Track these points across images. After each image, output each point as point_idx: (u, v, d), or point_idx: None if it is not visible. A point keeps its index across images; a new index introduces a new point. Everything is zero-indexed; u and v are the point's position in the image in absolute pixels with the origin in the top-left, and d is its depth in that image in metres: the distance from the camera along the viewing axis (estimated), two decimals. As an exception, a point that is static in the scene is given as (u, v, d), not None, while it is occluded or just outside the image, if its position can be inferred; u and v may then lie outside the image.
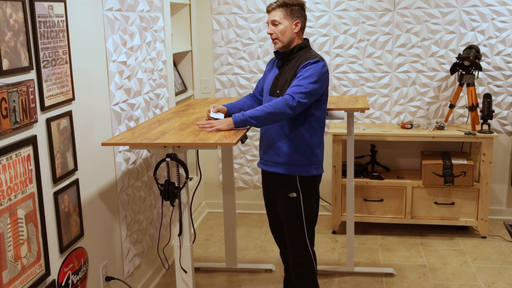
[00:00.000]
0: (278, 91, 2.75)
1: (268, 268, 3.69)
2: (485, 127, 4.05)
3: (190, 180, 2.58)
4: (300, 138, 2.75)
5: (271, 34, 2.76)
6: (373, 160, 4.30)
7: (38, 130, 2.18)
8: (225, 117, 2.80)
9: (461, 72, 4.02)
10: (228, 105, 2.90)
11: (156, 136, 2.48)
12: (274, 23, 2.73)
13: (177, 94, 4.15)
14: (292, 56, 2.77)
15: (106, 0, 2.78)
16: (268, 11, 2.78)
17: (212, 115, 2.75)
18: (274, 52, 2.87)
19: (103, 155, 2.79)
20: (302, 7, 2.77)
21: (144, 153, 3.32)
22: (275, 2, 2.75)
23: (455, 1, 4.18)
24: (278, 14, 2.72)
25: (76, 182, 2.50)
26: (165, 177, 2.45)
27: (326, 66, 2.70)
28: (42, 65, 2.18)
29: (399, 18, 4.26)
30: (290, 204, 2.79)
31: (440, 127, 4.12)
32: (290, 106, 2.56)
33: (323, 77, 2.67)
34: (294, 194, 2.77)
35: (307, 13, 4.31)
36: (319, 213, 3.12)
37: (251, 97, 3.05)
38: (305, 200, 2.78)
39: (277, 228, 3.03)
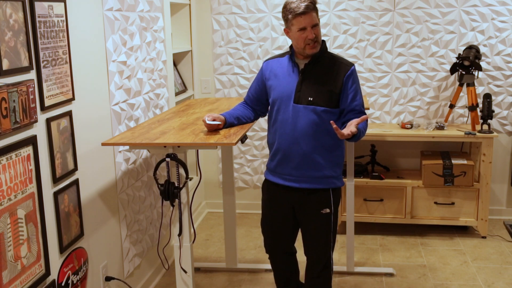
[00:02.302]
0: (310, 98, 2.55)
1: (268, 268, 3.68)
2: (485, 127, 4.05)
3: (190, 180, 2.57)
4: (337, 148, 2.64)
5: (312, 38, 2.51)
6: (373, 160, 4.30)
7: (38, 130, 2.18)
8: (222, 127, 2.63)
9: (461, 72, 4.02)
10: (225, 114, 2.70)
11: (156, 136, 2.48)
12: (315, 26, 2.50)
13: (177, 94, 4.15)
14: (318, 59, 2.59)
15: (106, 0, 2.78)
16: (304, 13, 2.48)
17: (209, 122, 2.57)
18: (290, 56, 2.65)
19: (103, 155, 2.79)
20: None
21: (144, 153, 3.32)
22: (311, 3, 2.50)
23: (455, 1, 4.18)
24: (315, 15, 2.51)
25: (76, 182, 2.50)
26: (165, 177, 2.45)
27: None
28: (42, 65, 2.19)
29: (399, 18, 4.26)
30: (322, 220, 2.65)
31: (440, 127, 4.12)
32: None
33: None
34: (327, 210, 2.63)
35: (307, 13, 4.34)
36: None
37: (246, 106, 2.86)
38: (335, 214, 2.67)
39: (280, 245, 2.85)
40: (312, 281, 2.76)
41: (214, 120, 2.58)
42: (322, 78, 2.57)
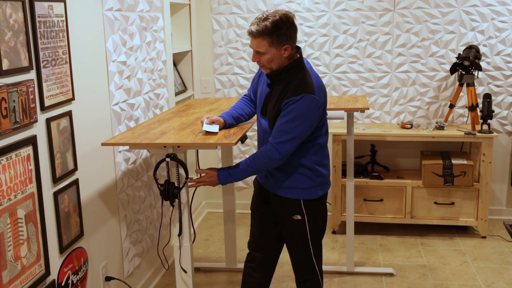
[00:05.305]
0: (267, 116, 2.48)
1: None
2: (485, 127, 4.05)
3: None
4: (300, 166, 2.48)
5: (253, 61, 2.42)
6: (373, 160, 4.30)
7: (38, 130, 2.18)
8: (221, 129, 2.58)
9: (461, 72, 4.02)
10: (225, 116, 2.64)
11: (156, 136, 2.48)
12: (259, 52, 2.35)
13: (177, 94, 4.15)
14: (282, 76, 2.41)
15: (106, 0, 2.78)
16: (249, 35, 2.36)
17: (205, 127, 2.50)
18: None
19: (103, 155, 2.79)
20: (290, 25, 2.33)
21: (144, 153, 3.32)
22: (257, 27, 2.30)
23: (455, 1, 4.18)
24: (262, 43, 2.31)
25: (76, 182, 2.50)
26: (165, 177, 2.45)
27: (314, 98, 2.33)
28: (42, 65, 2.18)
29: (399, 18, 4.26)
30: (294, 226, 2.54)
31: (440, 127, 4.12)
32: (274, 160, 2.37)
33: (311, 113, 2.34)
34: (299, 217, 2.51)
35: (307, 14, 4.34)
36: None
37: (247, 101, 2.79)
38: (310, 221, 2.53)
39: (262, 244, 2.74)
40: (299, 286, 2.70)
41: (212, 122, 2.56)
42: (276, 99, 2.41)
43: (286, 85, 2.38)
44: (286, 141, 2.34)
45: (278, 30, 2.30)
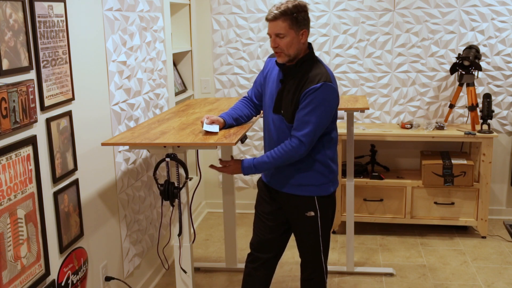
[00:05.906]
0: (282, 111, 2.48)
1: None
2: (485, 127, 4.06)
3: (190, 180, 2.55)
4: (314, 158, 2.51)
5: (275, 47, 2.41)
6: (373, 160, 4.30)
7: (38, 130, 2.18)
8: (221, 129, 2.58)
9: (461, 72, 4.03)
10: (225, 116, 2.65)
11: (156, 136, 2.48)
12: (278, 36, 2.38)
13: (177, 94, 4.15)
14: (295, 70, 2.45)
15: (106, 0, 2.78)
16: (269, 20, 2.38)
17: (206, 127, 2.50)
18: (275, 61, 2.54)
19: (103, 155, 2.79)
20: (307, 11, 2.42)
21: (144, 153, 3.32)
22: (277, 9, 2.36)
23: (455, 1, 4.18)
24: (282, 25, 2.35)
25: (76, 182, 2.50)
26: (165, 177, 2.45)
27: (332, 86, 2.38)
28: (42, 65, 2.19)
29: (399, 18, 4.26)
30: (307, 223, 2.56)
31: (440, 127, 4.12)
32: (300, 153, 2.41)
33: (331, 101, 2.39)
34: (312, 213, 2.54)
35: (307, 13, 4.34)
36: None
37: (246, 103, 2.79)
38: (322, 218, 2.56)
39: (266, 244, 2.75)
40: (304, 283, 2.73)
41: (212, 122, 2.56)
42: (293, 92, 2.43)
43: (301, 77, 2.42)
44: (310, 132, 2.38)
45: (298, 12, 2.37)
